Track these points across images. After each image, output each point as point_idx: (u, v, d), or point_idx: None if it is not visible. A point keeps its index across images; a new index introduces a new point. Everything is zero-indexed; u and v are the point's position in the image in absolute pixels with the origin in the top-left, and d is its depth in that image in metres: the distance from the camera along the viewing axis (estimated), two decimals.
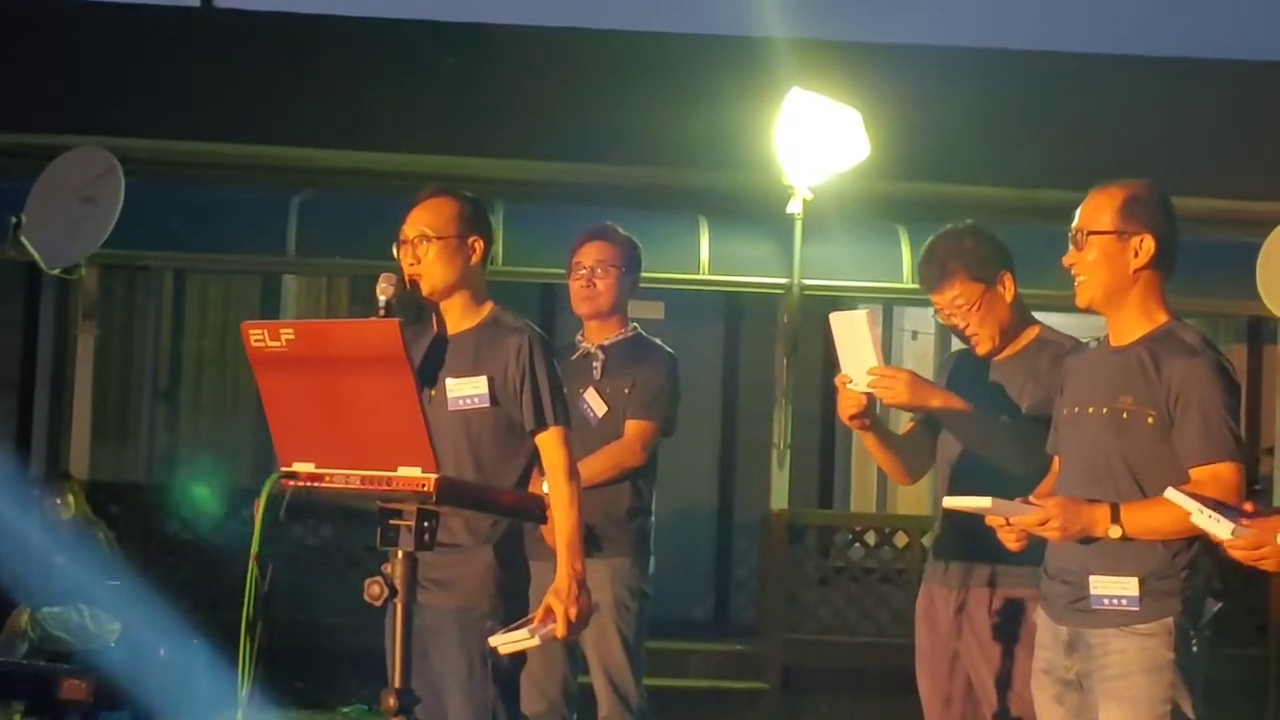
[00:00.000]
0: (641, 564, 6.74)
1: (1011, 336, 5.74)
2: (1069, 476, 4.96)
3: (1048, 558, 4.96)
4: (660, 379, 6.79)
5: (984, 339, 5.73)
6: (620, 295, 6.82)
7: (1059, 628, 4.92)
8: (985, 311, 5.70)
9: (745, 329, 14.29)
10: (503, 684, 5.38)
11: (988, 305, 5.70)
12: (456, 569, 5.28)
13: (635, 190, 13.11)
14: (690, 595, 13.79)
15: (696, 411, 13.17)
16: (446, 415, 5.37)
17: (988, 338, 5.72)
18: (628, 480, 6.71)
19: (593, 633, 6.59)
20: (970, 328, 5.72)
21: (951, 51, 16.16)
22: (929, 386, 5.58)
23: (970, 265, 5.71)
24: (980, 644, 5.59)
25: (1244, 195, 13.70)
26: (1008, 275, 5.71)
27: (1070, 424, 4.97)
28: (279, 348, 4.00)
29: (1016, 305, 5.73)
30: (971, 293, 5.70)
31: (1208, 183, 13.01)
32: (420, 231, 5.45)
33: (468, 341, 5.47)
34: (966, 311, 5.72)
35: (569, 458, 5.36)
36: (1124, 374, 4.82)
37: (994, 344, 5.73)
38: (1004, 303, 5.71)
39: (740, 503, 14.08)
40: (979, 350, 5.77)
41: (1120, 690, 4.74)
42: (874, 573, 12.96)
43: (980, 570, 5.59)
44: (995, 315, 5.70)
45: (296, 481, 4.04)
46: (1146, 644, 4.73)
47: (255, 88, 14.43)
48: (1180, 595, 4.76)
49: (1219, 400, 4.75)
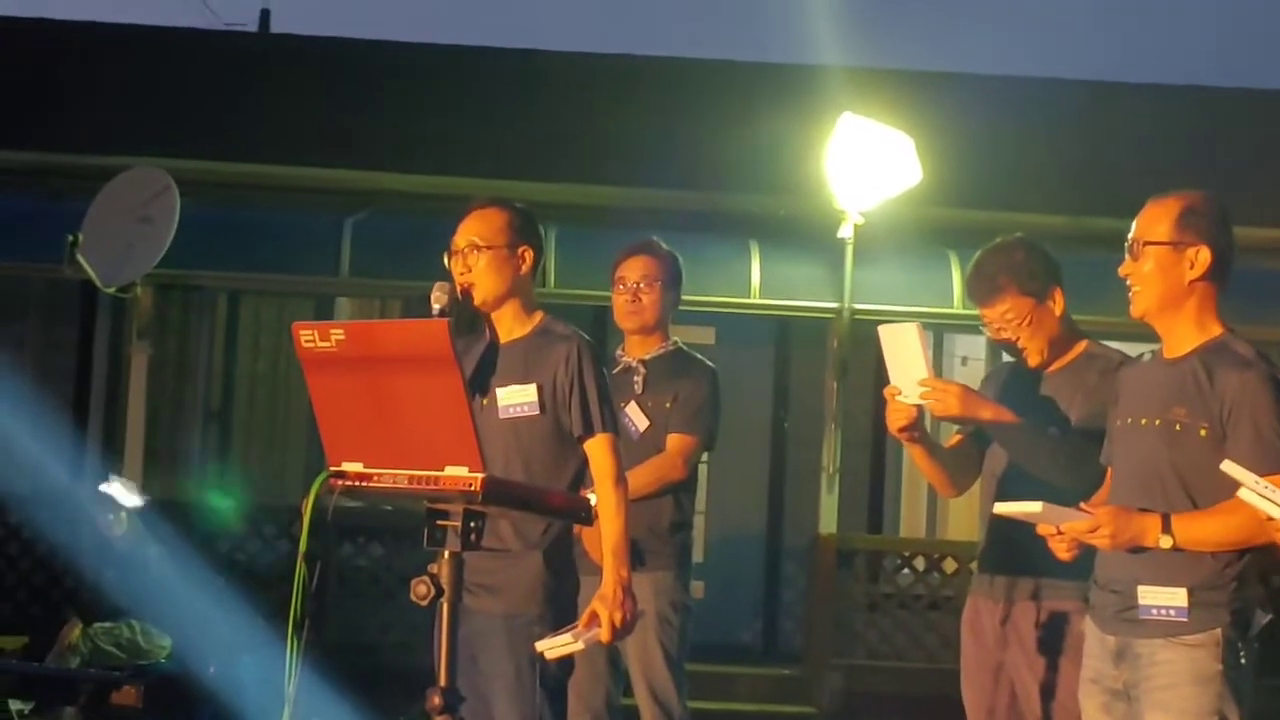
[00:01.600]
0: (684, 577, 6.75)
1: (1061, 350, 5.73)
2: (1121, 487, 4.95)
3: (1097, 567, 4.95)
4: (702, 393, 6.81)
5: (1033, 352, 5.72)
6: (664, 310, 6.85)
7: (1107, 637, 4.91)
8: (1035, 326, 5.69)
9: (795, 353, 14.29)
10: (550, 691, 5.41)
11: (1038, 320, 5.69)
12: (506, 574, 5.31)
13: (687, 214, 13.15)
14: (739, 619, 13.79)
15: (746, 435, 13.21)
16: (497, 423, 5.41)
17: (1037, 351, 5.71)
18: (670, 494, 6.72)
19: (635, 646, 6.63)
20: (1021, 341, 5.71)
21: (1004, 80, 16.18)
22: (980, 399, 5.55)
23: (1021, 279, 5.70)
24: (1025, 656, 5.58)
25: None
26: (1057, 289, 5.71)
27: (1123, 435, 4.97)
28: (329, 348, 4.03)
29: (1065, 319, 5.72)
30: (1022, 307, 5.69)
31: (1264, 211, 12.97)
32: (471, 241, 5.50)
33: (518, 350, 5.52)
34: (1017, 326, 5.71)
35: (617, 464, 5.40)
36: (1177, 386, 4.82)
37: (1043, 357, 5.72)
38: (1053, 316, 5.70)
39: (789, 527, 14.07)
40: (1030, 363, 5.76)
41: (1167, 701, 4.73)
42: (922, 599, 12.93)
43: (1024, 583, 5.58)
44: (1045, 329, 5.69)
45: (345, 480, 4.07)
46: (1194, 655, 4.72)
47: (309, 110, 14.54)
48: (1229, 607, 4.75)
49: (1273, 413, 4.73)
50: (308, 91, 14.90)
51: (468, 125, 14.45)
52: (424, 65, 15.48)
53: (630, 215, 13.07)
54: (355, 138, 14.17)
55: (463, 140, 14.20)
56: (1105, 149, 14.50)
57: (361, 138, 14.18)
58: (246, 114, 14.51)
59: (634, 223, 12.43)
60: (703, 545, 12.59)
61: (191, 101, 14.52)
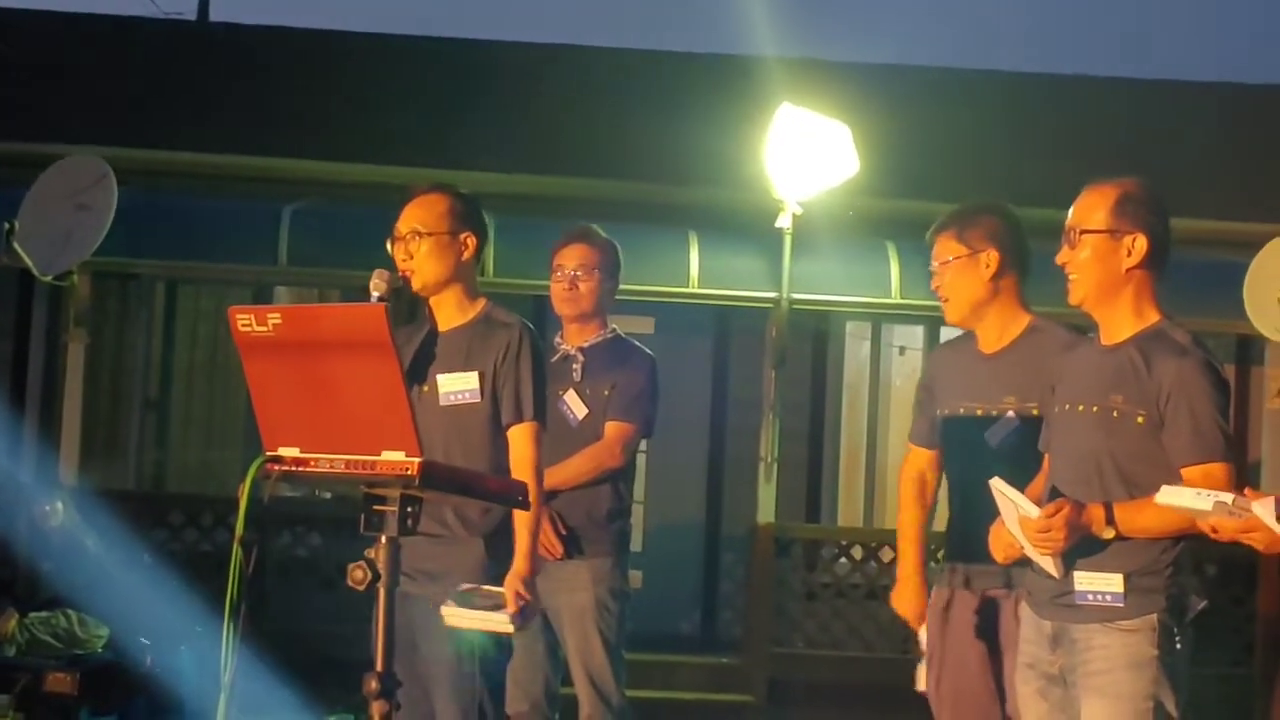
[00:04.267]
0: (622, 565, 6.76)
1: (998, 321, 5.72)
2: (1059, 474, 4.97)
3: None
4: (640, 380, 6.82)
5: (952, 308, 5.74)
6: (601, 297, 6.85)
7: (1043, 622, 4.93)
8: (957, 276, 5.70)
9: (734, 343, 14.33)
10: (490, 679, 5.43)
11: (961, 270, 5.70)
12: (448, 560, 5.33)
13: (626, 205, 13.15)
14: (677, 608, 13.81)
15: (685, 426, 13.22)
16: (438, 410, 5.43)
17: (955, 308, 5.73)
18: (608, 482, 6.73)
19: (574, 634, 6.65)
20: (942, 290, 5.74)
21: (941, 71, 16.26)
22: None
23: (964, 227, 5.74)
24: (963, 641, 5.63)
25: (1233, 216, 13.75)
26: (994, 253, 5.70)
27: (1061, 421, 4.99)
28: (265, 333, 4.02)
29: (1000, 288, 5.71)
30: (953, 252, 5.72)
31: (1198, 203, 13.05)
32: (413, 227, 5.51)
33: (460, 338, 5.53)
34: (942, 269, 5.74)
35: (536, 455, 5.45)
36: (1115, 373, 4.84)
37: (960, 316, 5.73)
38: (981, 277, 5.70)
39: (728, 517, 14.10)
40: (947, 318, 5.79)
41: (1103, 685, 4.76)
42: (860, 587, 12.97)
43: (958, 571, 5.64)
44: (969, 287, 5.70)
45: (281, 465, 4.07)
46: (1130, 640, 4.75)
47: (248, 99, 14.49)
48: (1165, 592, 4.78)
49: (1210, 400, 4.77)
50: (246, 80, 14.85)
51: (408, 114, 14.43)
52: (364, 54, 15.45)
53: (570, 205, 13.06)
54: (294, 126, 14.12)
55: (402, 129, 14.17)
56: (1041, 139, 14.58)
57: (300, 126, 14.14)
58: (185, 102, 14.45)
59: (574, 212, 12.39)
60: (641, 535, 12.61)
61: (130, 89, 14.46)
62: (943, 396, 5.85)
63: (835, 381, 14.48)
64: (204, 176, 13.76)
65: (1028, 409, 5.58)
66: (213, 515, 12.58)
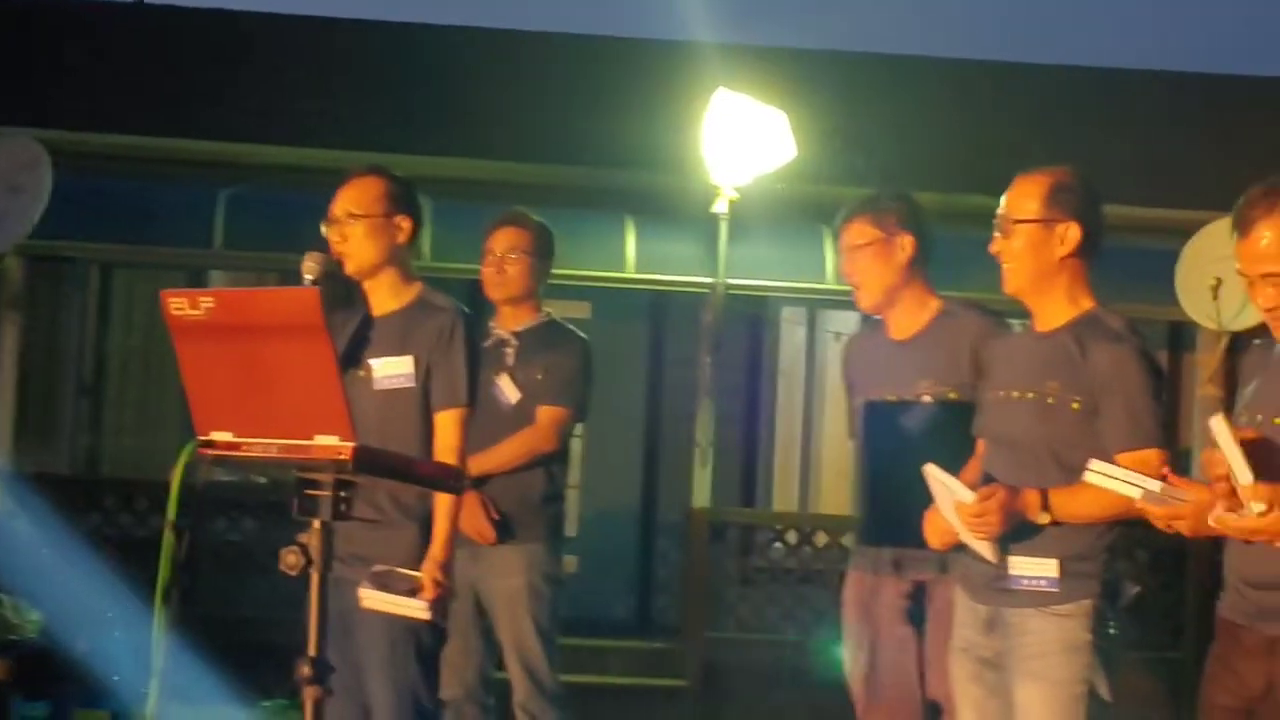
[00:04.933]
0: (556, 550, 6.77)
1: (911, 307, 5.71)
2: (994, 460, 4.99)
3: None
4: (573, 364, 6.82)
5: (866, 292, 5.72)
6: (532, 281, 6.84)
7: (978, 607, 4.95)
8: (872, 261, 5.68)
9: (670, 328, 14.34)
10: (424, 663, 5.43)
11: (876, 255, 5.68)
12: (382, 545, 5.33)
13: (563, 189, 13.14)
14: (612, 593, 13.82)
15: (621, 410, 13.23)
16: (372, 394, 5.42)
17: (869, 293, 5.71)
18: (541, 466, 6.73)
19: (507, 619, 6.65)
20: (855, 276, 5.72)
21: (877, 58, 16.30)
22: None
23: (878, 212, 5.72)
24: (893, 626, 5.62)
25: (1166, 204, 13.83)
26: (909, 238, 5.70)
27: (995, 408, 5.00)
28: (198, 316, 4.00)
29: (913, 273, 5.70)
30: (867, 236, 5.69)
31: (1130, 190, 13.13)
32: (347, 210, 5.51)
33: (395, 322, 5.53)
34: (854, 254, 5.71)
35: (461, 442, 5.45)
36: (1050, 360, 4.86)
37: (873, 302, 5.72)
38: (896, 262, 5.69)
39: (663, 502, 14.12)
40: (860, 304, 5.78)
41: (1037, 670, 4.78)
42: (794, 572, 13.01)
43: (886, 554, 5.63)
44: (882, 270, 5.68)
45: (214, 450, 4.06)
46: (1065, 625, 4.77)
47: (185, 82, 14.41)
48: (1099, 578, 4.80)
49: (1144, 387, 4.80)
50: (182, 63, 14.77)
51: (344, 98, 14.38)
52: (303, 38, 15.38)
53: (507, 189, 13.04)
54: (230, 110, 14.06)
55: (339, 113, 14.13)
56: (975, 126, 14.63)
57: (237, 110, 14.07)
58: (120, 85, 14.36)
59: (511, 196, 12.33)
60: (576, 520, 12.61)
61: (64, 71, 14.36)
62: (859, 385, 5.85)
63: (771, 367, 14.51)
64: (139, 160, 13.68)
65: (943, 393, 5.58)
66: (147, 500, 12.53)
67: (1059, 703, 4.78)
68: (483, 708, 6.70)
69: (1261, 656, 4.36)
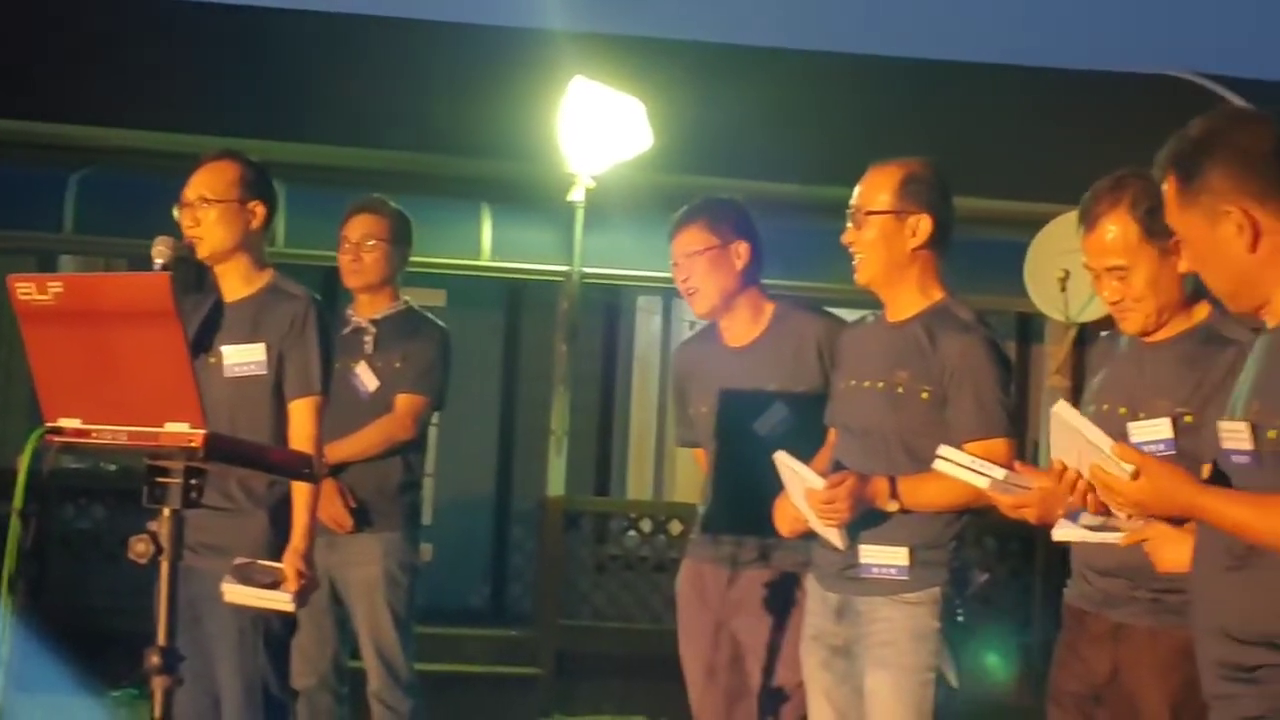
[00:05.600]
0: (413, 538, 6.76)
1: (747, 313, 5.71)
2: (844, 448, 5.04)
3: None
4: (431, 352, 6.81)
5: (701, 298, 5.70)
6: (389, 269, 6.82)
7: (828, 595, 5.00)
8: (710, 268, 5.67)
9: (526, 317, 14.33)
10: (274, 652, 5.41)
11: (712, 262, 5.67)
12: (231, 533, 5.31)
13: (418, 176, 13.08)
14: (467, 581, 13.80)
15: (476, 399, 13.21)
16: (223, 381, 5.39)
17: (706, 298, 5.69)
18: (399, 454, 6.72)
19: (363, 607, 6.64)
20: (691, 282, 5.69)
21: (733, 48, 16.37)
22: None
23: (714, 218, 5.72)
24: (753, 616, 5.63)
25: (1014, 195, 13.97)
26: (745, 244, 5.69)
27: (846, 397, 5.05)
28: (47, 301, 3.96)
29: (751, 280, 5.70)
30: (703, 243, 5.67)
31: (981, 182, 13.26)
32: (200, 194, 5.47)
33: (247, 309, 5.50)
34: (689, 260, 5.69)
35: (316, 430, 5.43)
36: (900, 350, 4.92)
37: (710, 307, 5.70)
38: (732, 269, 5.68)
39: (518, 490, 14.11)
40: (695, 310, 5.77)
41: (887, 657, 4.85)
42: (648, 560, 13.05)
43: (752, 544, 5.64)
44: (720, 276, 5.67)
45: (62, 437, 4.02)
46: (914, 612, 4.84)
47: (33, 63, 14.21)
48: (948, 566, 4.87)
49: (993, 377, 4.87)
50: (32, 44, 14.56)
51: (199, 81, 14.22)
52: (156, 21, 15.20)
53: (362, 176, 12.95)
54: (81, 92, 13.86)
55: (193, 97, 13.97)
56: (830, 117, 14.71)
57: (88, 92, 13.89)
58: None
59: (366, 183, 12.24)
60: (431, 508, 12.57)
61: None
62: (699, 394, 5.84)
63: (626, 355, 14.54)
64: None
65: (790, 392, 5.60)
66: None
67: (908, 689, 4.84)
68: (337, 697, 6.68)
69: (1107, 642, 4.43)
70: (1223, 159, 3.37)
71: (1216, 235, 3.40)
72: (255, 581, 5.22)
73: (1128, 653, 4.39)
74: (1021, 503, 4.21)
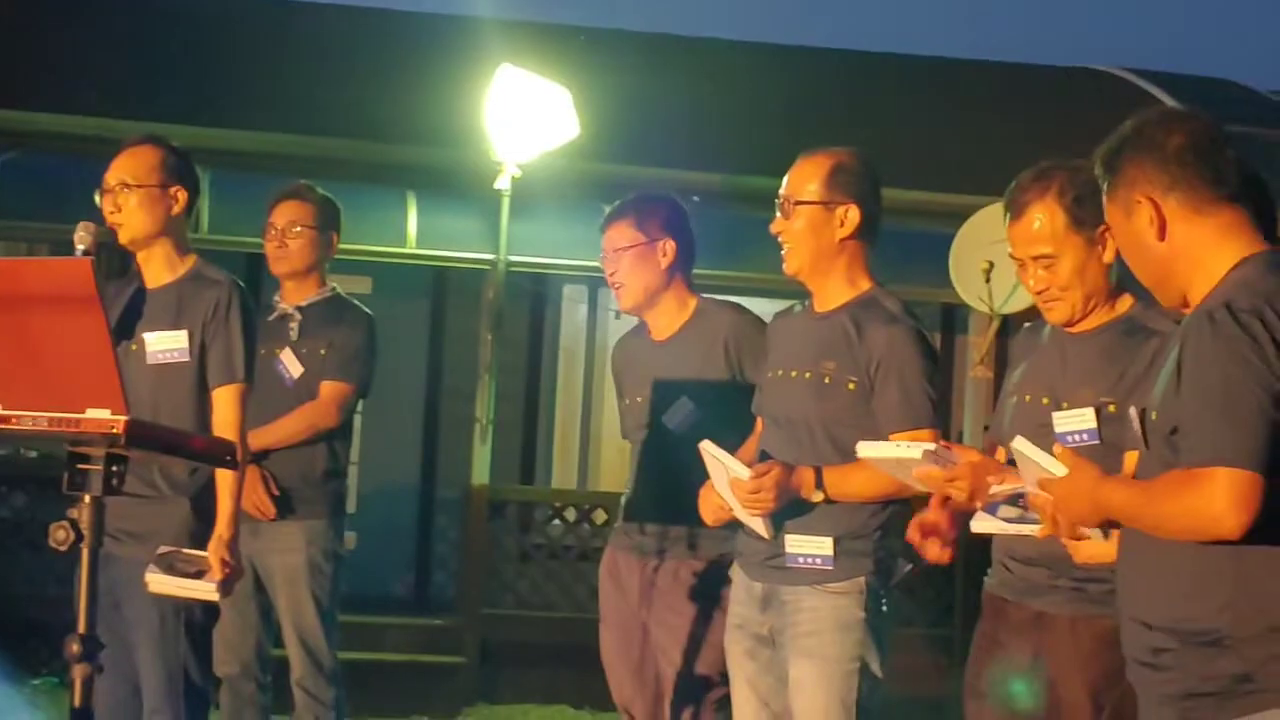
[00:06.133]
0: (337, 526, 6.74)
1: (671, 307, 5.74)
2: (770, 437, 5.04)
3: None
4: (357, 340, 6.79)
5: (627, 293, 5.73)
6: (315, 255, 6.80)
7: (753, 584, 5.00)
8: (636, 264, 5.70)
9: (451, 304, 14.29)
10: (195, 640, 5.38)
11: (638, 258, 5.69)
12: (152, 520, 5.28)
13: (343, 163, 13.03)
14: (391, 570, 13.76)
15: (401, 387, 13.17)
16: (145, 368, 5.36)
17: (630, 294, 5.72)
18: (323, 442, 6.70)
19: (286, 595, 6.62)
20: (618, 277, 5.73)
21: (660, 37, 16.38)
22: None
23: (641, 216, 5.75)
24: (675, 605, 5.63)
25: (940, 188, 14.03)
26: (671, 242, 5.71)
27: (773, 387, 5.05)
28: None
29: (675, 275, 5.73)
30: (630, 239, 5.70)
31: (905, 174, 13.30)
32: (121, 179, 5.43)
33: (169, 295, 5.47)
34: (616, 256, 5.73)
35: (240, 417, 5.41)
36: (827, 340, 4.92)
37: (634, 303, 5.74)
38: (657, 266, 5.70)
39: (442, 478, 14.08)
40: (621, 305, 5.80)
41: (811, 647, 4.86)
42: (572, 549, 13.05)
43: (677, 533, 5.64)
44: (645, 273, 5.70)
45: None
46: (839, 603, 4.85)
47: None
48: (873, 556, 4.89)
49: (918, 368, 4.88)
50: None
51: (123, 66, 14.11)
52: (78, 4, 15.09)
53: (287, 162, 12.90)
54: (3, 76, 13.75)
55: (116, 81, 13.87)
56: (758, 108, 14.74)
57: (9, 76, 13.77)
58: None
59: (291, 169, 12.23)
60: (356, 495, 12.53)
61: None
62: (629, 387, 5.87)
63: (551, 344, 14.52)
64: None
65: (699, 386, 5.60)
66: None
67: (832, 679, 4.85)
68: (259, 685, 6.65)
69: (1029, 631, 4.46)
70: (1137, 153, 3.49)
71: (1132, 226, 3.51)
72: (179, 571, 5.20)
73: (1049, 641, 4.43)
74: (952, 475, 4.22)
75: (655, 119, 14.09)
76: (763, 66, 15.78)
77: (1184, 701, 3.35)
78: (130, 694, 5.36)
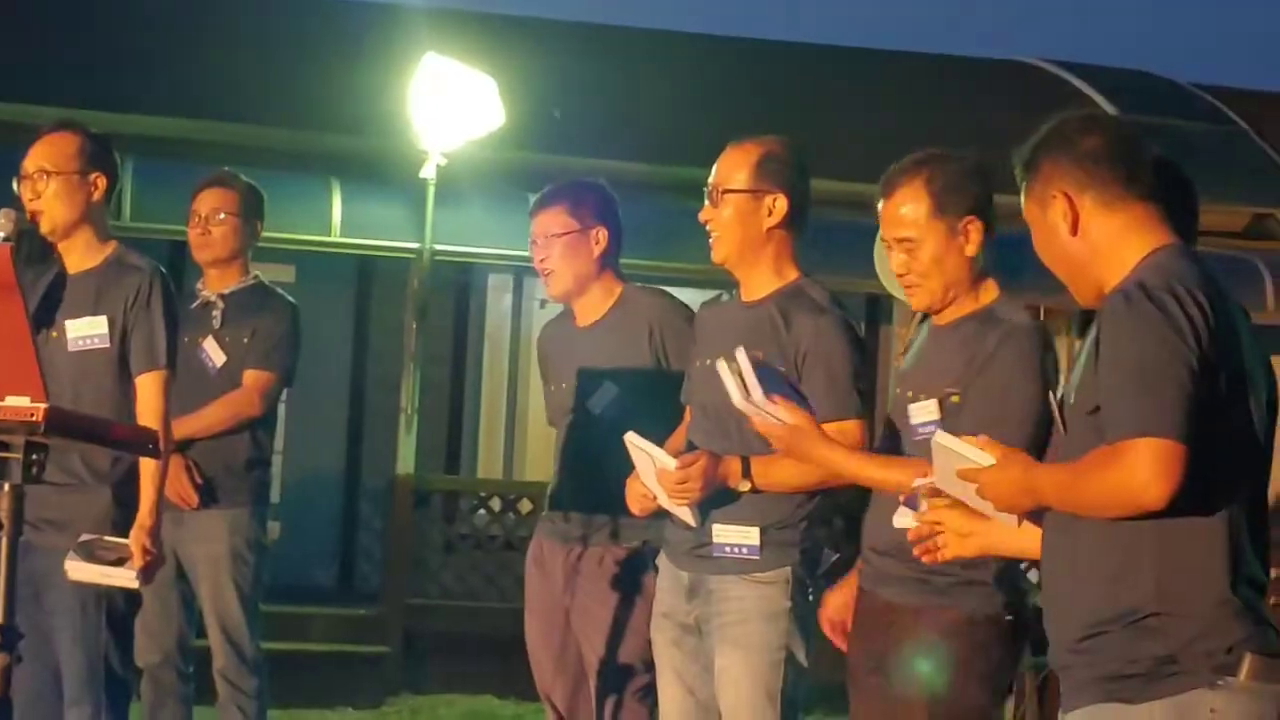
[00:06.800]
0: (260, 515, 6.71)
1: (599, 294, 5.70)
2: (698, 427, 5.04)
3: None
4: (281, 328, 6.76)
5: (557, 280, 5.68)
6: (238, 243, 6.76)
7: (680, 573, 5.00)
8: (567, 251, 5.65)
9: (376, 293, 14.26)
10: (116, 629, 5.35)
11: (570, 245, 5.65)
12: (73, 508, 5.25)
13: (267, 150, 12.97)
14: (315, 560, 13.72)
15: (325, 376, 13.12)
16: (66, 355, 5.34)
17: (559, 281, 5.68)
18: (247, 431, 6.67)
19: (209, 584, 6.59)
20: (549, 264, 5.67)
21: (587, 27, 16.35)
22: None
23: (575, 203, 5.70)
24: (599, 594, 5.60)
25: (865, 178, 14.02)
26: (604, 230, 5.68)
27: (700, 377, 5.03)
28: None
29: (607, 264, 5.70)
30: (563, 226, 5.66)
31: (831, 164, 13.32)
32: (40, 166, 5.40)
33: (89, 281, 5.44)
34: (548, 243, 5.67)
35: (164, 404, 5.37)
36: (754, 329, 4.90)
37: (563, 290, 5.69)
38: (590, 253, 5.66)
39: (367, 468, 14.05)
40: (549, 292, 5.76)
41: (737, 636, 4.85)
42: (498, 539, 13.05)
43: (601, 520, 5.62)
44: (577, 260, 5.65)
45: None
46: (765, 592, 4.85)
47: None
48: (799, 546, 4.89)
49: (846, 358, 4.88)
50: None
51: (41, 52, 14.00)
52: None
53: (210, 149, 12.84)
54: None
55: (33, 66, 13.75)
56: (685, 97, 14.74)
57: None
58: None
59: (214, 157, 12.17)
60: (280, 485, 12.48)
61: None
62: (553, 373, 5.85)
63: (476, 334, 14.51)
64: None
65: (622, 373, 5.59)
66: None
67: (758, 668, 4.85)
68: (181, 675, 6.62)
69: (881, 619, 4.52)
70: (1054, 151, 3.56)
71: (1047, 221, 3.56)
72: (100, 558, 5.16)
73: (895, 631, 4.48)
74: (771, 432, 4.32)
75: (581, 108, 14.09)
76: (690, 56, 15.80)
77: (1109, 684, 3.37)
78: (51, 683, 5.33)
